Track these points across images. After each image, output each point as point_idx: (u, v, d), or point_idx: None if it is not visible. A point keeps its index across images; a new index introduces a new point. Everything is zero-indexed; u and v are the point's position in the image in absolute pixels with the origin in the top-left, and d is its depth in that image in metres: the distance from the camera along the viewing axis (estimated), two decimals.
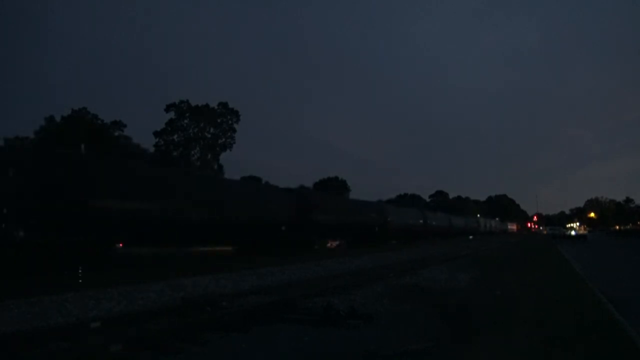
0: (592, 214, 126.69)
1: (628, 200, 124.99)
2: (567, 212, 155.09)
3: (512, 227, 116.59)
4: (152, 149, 47.25)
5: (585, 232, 78.02)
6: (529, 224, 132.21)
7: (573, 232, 70.96)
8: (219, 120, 50.35)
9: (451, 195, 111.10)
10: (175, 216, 15.66)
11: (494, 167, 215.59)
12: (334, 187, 62.01)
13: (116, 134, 44.10)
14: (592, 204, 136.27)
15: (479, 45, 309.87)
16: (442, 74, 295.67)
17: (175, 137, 49.07)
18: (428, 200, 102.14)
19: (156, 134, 48.26)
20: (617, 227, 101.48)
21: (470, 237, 60.86)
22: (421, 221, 43.26)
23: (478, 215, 79.25)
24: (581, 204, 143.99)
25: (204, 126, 49.85)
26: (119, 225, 13.82)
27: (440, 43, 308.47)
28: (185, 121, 49.27)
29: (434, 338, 5.88)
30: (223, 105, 50.64)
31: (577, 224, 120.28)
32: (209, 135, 50.18)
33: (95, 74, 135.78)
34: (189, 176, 19.68)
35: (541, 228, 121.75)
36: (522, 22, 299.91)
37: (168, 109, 48.61)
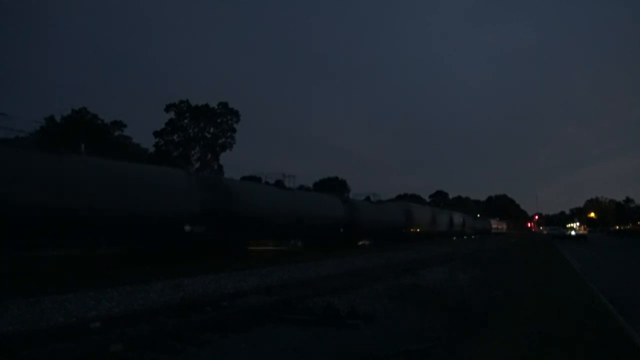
0: (592, 214, 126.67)
1: (628, 200, 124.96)
2: (567, 212, 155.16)
3: (500, 226, 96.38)
4: (152, 149, 47.32)
5: (585, 232, 78.14)
6: (529, 224, 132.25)
7: (573, 232, 71.13)
8: (219, 120, 50.37)
9: (451, 195, 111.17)
10: None
11: (494, 167, 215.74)
12: (334, 187, 61.95)
13: (116, 134, 44.14)
14: (592, 204, 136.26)
15: (479, 47, 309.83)
16: (442, 74, 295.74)
17: (175, 137, 49.09)
18: (428, 200, 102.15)
19: (156, 134, 48.28)
20: (617, 227, 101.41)
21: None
22: (404, 219, 37.95)
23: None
24: (581, 204, 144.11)
25: (204, 126, 49.88)
26: None
27: (441, 45, 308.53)
28: (185, 121, 49.30)
29: (434, 338, 5.88)
30: (223, 105, 50.67)
31: (577, 224, 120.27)
32: (209, 135, 50.21)
33: (96, 74, 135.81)
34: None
35: (541, 228, 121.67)
36: (521, 23, 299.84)
37: (168, 109, 48.63)
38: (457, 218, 59.56)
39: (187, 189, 17.66)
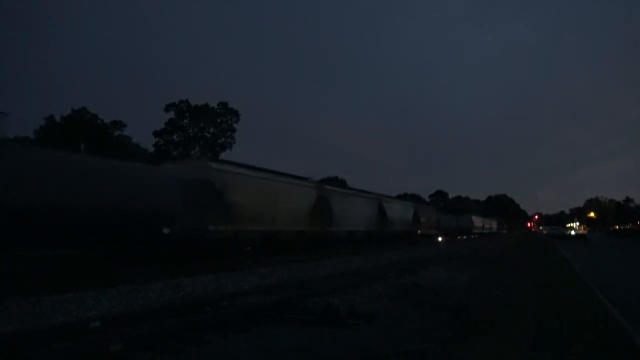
0: (592, 214, 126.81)
1: (628, 200, 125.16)
2: (567, 212, 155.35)
3: (488, 225, 78.10)
4: (152, 149, 47.32)
5: (585, 232, 78.23)
6: (529, 224, 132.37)
7: (573, 232, 71.34)
8: (219, 120, 50.38)
9: (451, 195, 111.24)
10: None
11: (494, 167, 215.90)
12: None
13: (116, 134, 44.16)
14: (592, 204, 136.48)
15: (478, 47, 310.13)
16: (442, 74, 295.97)
17: (175, 137, 49.10)
18: (428, 200, 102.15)
19: (156, 134, 48.30)
20: (617, 227, 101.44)
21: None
22: (179, 203, 15.96)
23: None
24: (581, 204, 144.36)
25: (204, 126, 49.88)
26: None
27: (441, 45, 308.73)
28: (185, 121, 49.31)
29: (434, 338, 5.88)
30: (223, 105, 50.69)
31: (577, 224, 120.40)
32: (209, 135, 50.21)
33: (96, 74, 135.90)
34: None
35: (541, 228, 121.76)
36: (521, 23, 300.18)
37: (168, 109, 48.66)
38: (400, 210, 35.81)
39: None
